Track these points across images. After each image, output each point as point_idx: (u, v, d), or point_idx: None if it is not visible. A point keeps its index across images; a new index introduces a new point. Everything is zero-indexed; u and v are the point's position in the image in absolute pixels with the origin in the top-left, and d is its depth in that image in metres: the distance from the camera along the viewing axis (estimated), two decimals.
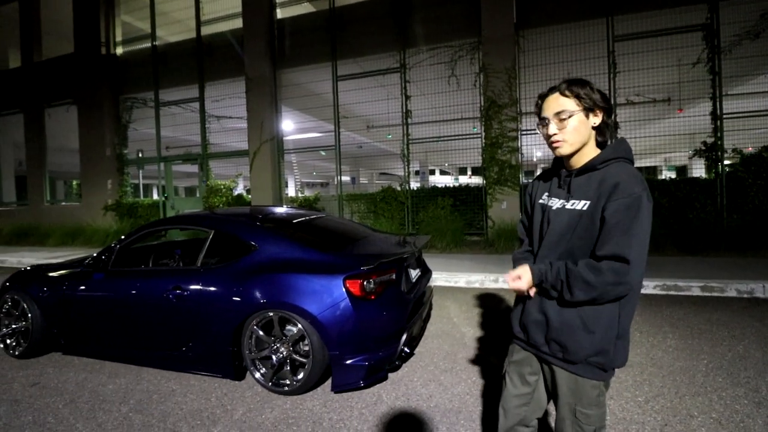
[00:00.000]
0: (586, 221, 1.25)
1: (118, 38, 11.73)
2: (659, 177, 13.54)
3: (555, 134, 1.29)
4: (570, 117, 1.27)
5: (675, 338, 3.40)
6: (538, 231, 1.43)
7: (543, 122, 1.33)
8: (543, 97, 1.35)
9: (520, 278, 1.33)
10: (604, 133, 1.31)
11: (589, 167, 1.30)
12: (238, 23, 10.04)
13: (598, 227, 1.22)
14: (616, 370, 1.34)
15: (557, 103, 1.29)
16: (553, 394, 1.39)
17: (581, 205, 1.27)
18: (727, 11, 6.93)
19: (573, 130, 1.28)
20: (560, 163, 1.43)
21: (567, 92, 1.28)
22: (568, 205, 1.31)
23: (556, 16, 7.75)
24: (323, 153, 9.95)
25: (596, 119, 1.29)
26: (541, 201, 1.45)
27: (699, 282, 4.74)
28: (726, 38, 6.97)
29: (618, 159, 1.28)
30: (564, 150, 1.31)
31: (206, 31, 10.58)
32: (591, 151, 1.32)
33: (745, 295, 4.55)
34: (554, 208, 1.36)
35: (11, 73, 13.17)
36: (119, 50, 11.72)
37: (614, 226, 1.17)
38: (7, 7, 13.02)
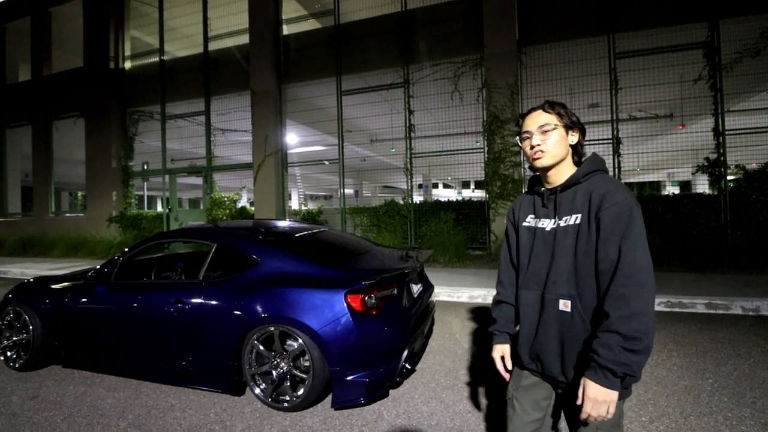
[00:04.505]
0: (585, 234, 1.26)
1: (127, 53, 11.97)
2: (663, 192, 13.53)
3: (538, 144, 1.35)
4: (553, 130, 1.34)
5: (679, 357, 3.35)
6: (528, 254, 1.42)
7: (525, 135, 1.39)
8: (524, 115, 1.42)
9: (605, 402, 1.14)
10: (579, 153, 1.40)
11: (573, 182, 1.34)
12: (244, 39, 10.23)
13: (596, 238, 1.23)
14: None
15: (540, 118, 1.36)
16: (573, 419, 1.34)
17: (573, 219, 1.29)
18: (727, 29, 7.02)
19: (555, 143, 1.34)
20: (536, 183, 1.48)
21: (549, 109, 1.37)
22: (562, 223, 1.32)
23: (558, 33, 7.86)
24: (327, 163, 10.02)
25: (574, 138, 1.38)
26: (526, 224, 1.46)
27: (704, 299, 4.69)
28: (727, 55, 7.04)
29: (597, 171, 1.34)
30: (545, 161, 1.35)
31: (213, 46, 10.79)
32: (569, 169, 1.38)
33: (751, 313, 4.50)
34: (547, 229, 1.36)
35: (21, 86, 13.42)
36: (127, 64, 11.94)
37: (611, 233, 1.19)
38: (19, 21, 13.31)
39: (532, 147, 1.36)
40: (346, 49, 9.37)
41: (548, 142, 1.34)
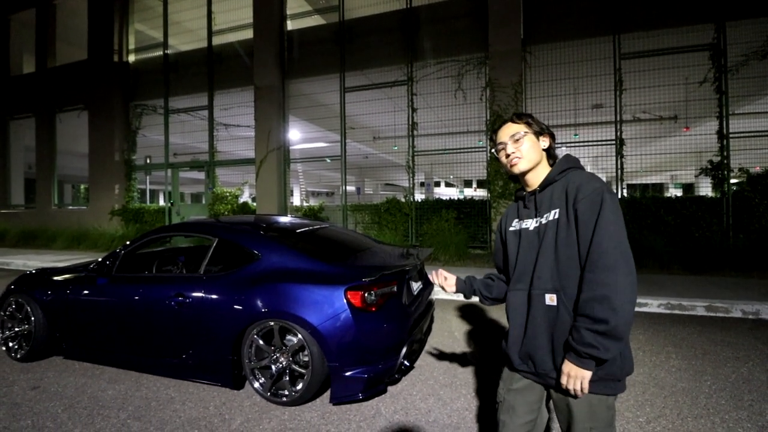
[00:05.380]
0: (564, 227, 1.30)
1: (131, 46, 11.97)
2: (665, 194, 13.49)
3: (513, 152, 1.44)
4: (524, 136, 1.43)
5: (678, 358, 3.36)
6: (515, 257, 1.47)
7: (500, 147, 1.48)
8: (496, 131, 1.53)
9: (576, 377, 1.24)
10: (553, 156, 1.50)
11: (550, 180, 1.41)
12: (248, 34, 10.22)
13: (575, 229, 1.28)
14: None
15: (510, 128, 1.47)
16: (566, 420, 1.35)
17: (553, 215, 1.35)
18: (734, 31, 6.97)
19: (528, 148, 1.43)
20: (521, 190, 1.55)
21: (517, 120, 1.48)
22: (543, 220, 1.37)
23: (563, 32, 7.82)
24: (328, 160, 10.03)
25: (545, 142, 1.47)
26: (512, 228, 1.52)
27: (704, 302, 4.69)
28: (733, 58, 7.00)
29: (572, 168, 1.40)
30: (522, 165, 1.43)
31: (217, 41, 10.78)
32: (545, 171, 1.47)
33: (750, 316, 4.49)
34: (531, 228, 1.42)
35: (25, 78, 13.43)
36: (131, 58, 11.94)
37: (586, 224, 1.24)
38: (24, 13, 13.31)
39: (508, 155, 1.45)
40: (350, 45, 9.35)
41: (521, 149, 1.43)
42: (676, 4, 7.20)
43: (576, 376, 1.22)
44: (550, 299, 1.31)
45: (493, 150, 1.53)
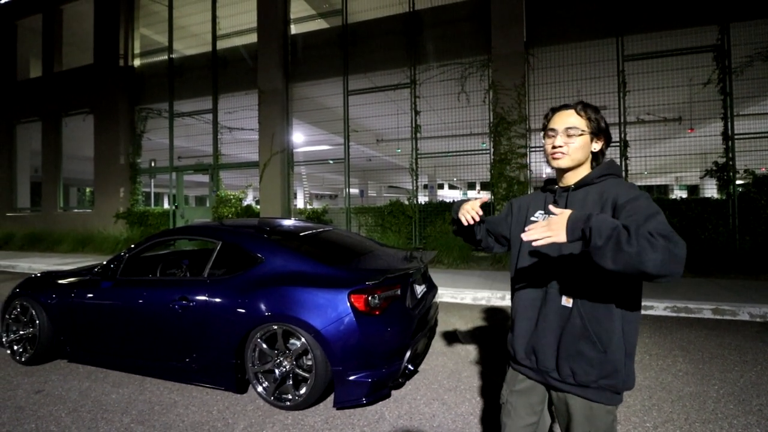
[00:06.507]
0: None
1: (137, 50, 12.05)
2: (670, 196, 13.41)
3: (560, 146, 1.34)
4: (579, 135, 1.33)
5: (685, 362, 3.32)
6: (528, 247, 1.41)
7: (550, 133, 1.37)
8: (555, 110, 1.40)
9: (552, 226, 1.10)
10: (599, 160, 1.40)
11: (587, 181, 1.35)
12: (252, 38, 10.27)
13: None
14: (624, 393, 1.31)
15: (569, 119, 1.35)
16: (565, 422, 1.34)
17: None
18: (738, 32, 6.94)
19: (577, 148, 1.34)
20: (551, 183, 1.49)
21: (581, 112, 1.35)
22: None
23: (566, 34, 7.81)
24: (331, 162, 10.04)
25: (597, 145, 1.38)
26: (534, 218, 1.46)
27: (710, 305, 4.65)
28: (737, 59, 6.96)
29: (612, 175, 1.35)
30: (563, 162, 1.35)
31: (222, 45, 10.84)
32: (585, 171, 1.39)
33: (758, 319, 4.45)
34: None
35: (32, 82, 13.55)
36: (137, 62, 12.03)
37: (635, 216, 1.11)
38: (31, 18, 13.46)
39: (554, 147, 1.35)
40: (353, 49, 9.38)
41: (571, 146, 1.33)
42: (679, 6, 7.18)
43: (550, 228, 1.08)
44: (566, 300, 1.29)
45: (543, 132, 1.43)
